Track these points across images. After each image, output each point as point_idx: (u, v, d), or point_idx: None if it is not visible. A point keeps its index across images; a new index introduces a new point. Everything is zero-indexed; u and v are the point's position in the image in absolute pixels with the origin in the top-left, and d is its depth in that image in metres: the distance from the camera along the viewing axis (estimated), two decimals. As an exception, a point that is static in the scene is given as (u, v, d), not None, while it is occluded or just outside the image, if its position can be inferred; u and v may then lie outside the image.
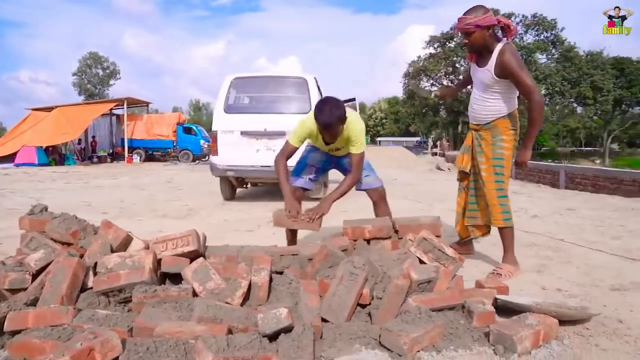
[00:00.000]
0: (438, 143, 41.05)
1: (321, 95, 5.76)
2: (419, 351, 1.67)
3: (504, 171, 2.76)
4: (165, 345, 1.52)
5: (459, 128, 36.34)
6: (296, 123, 2.84)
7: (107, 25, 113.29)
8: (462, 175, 3.05)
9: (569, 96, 32.83)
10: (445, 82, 33.26)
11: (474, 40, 2.71)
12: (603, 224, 4.22)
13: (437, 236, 2.42)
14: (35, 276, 2.13)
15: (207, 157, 20.05)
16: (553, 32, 33.20)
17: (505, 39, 2.77)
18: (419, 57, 35.27)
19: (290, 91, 5.61)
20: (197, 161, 19.16)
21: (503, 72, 2.63)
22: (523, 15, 33.53)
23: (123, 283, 1.99)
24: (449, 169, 14.22)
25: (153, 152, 20.05)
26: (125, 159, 18.85)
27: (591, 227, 4.05)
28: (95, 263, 2.13)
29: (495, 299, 2.07)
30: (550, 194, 7.54)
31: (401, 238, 2.49)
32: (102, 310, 1.85)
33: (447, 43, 34.46)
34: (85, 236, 2.45)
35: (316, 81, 5.72)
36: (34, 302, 1.93)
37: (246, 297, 1.99)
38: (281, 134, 5.43)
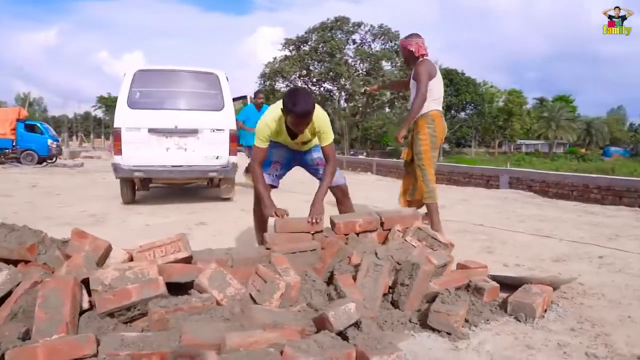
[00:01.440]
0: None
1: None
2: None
3: (425, 162, 3.48)
4: (249, 358, 1.38)
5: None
6: (257, 127, 2.72)
7: None
8: (407, 164, 3.78)
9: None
10: (299, 84, 35.03)
11: (406, 57, 3.67)
12: (500, 211, 4.99)
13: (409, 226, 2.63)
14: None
15: (55, 158, 17.43)
16: (397, 42, 37.11)
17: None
18: (275, 58, 36.44)
19: (201, 87, 5.27)
20: (44, 163, 16.49)
21: (415, 77, 3.50)
22: (371, 25, 36.83)
23: (135, 299, 1.71)
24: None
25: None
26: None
27: (493, 214, 4.77)
28: (86, 280, 1.78)
29: (490, 276, 2.33)
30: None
31: (388, 230, 2.61)
32: (127, 333, 1.57)
33: (302, 46, 36.29)
34: (45, 250, 2.02)
35: (226, 77, 5.50)
36: (25, 336, 1.53)
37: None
38: (193, 131, 5.10)
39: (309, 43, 36.46)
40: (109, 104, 47.02)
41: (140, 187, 5.47)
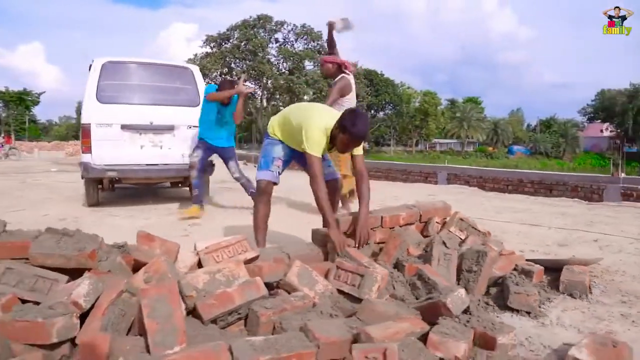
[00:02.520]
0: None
1: None
2: (534, 307, 1.97)
3: (338, 164, 3.77)
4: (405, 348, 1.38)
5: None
6: (312, 133, 2.47)
7: None
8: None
9: (333, 99, 38.25)
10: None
11: (325, 72, 4.27)
12: (471, 204, 5.34)
13: (445, 217, 2.77)
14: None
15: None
16: (319, 42, 37.74)
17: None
18: (196, 55, 35.45)
19: (175, 81, 4.96)
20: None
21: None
22: (294, 25, 37.10)
23: (239, 303, 1.62)
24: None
25: None
26: None
27: (469, 206, 5.08)
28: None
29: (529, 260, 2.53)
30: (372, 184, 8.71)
31: (425, 222, 2.71)
32: (252, 337, 1.48)
33: (223, 44, 35.70)
34: (106, 256, 1.82)
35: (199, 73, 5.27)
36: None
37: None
38: (169, 128, 4.80)
39: (231, 40, 35.91)
40: (7, 99, 41.85)
41: (107, 188, 5.02)
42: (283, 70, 37.63)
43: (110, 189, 5.12)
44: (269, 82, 36.72)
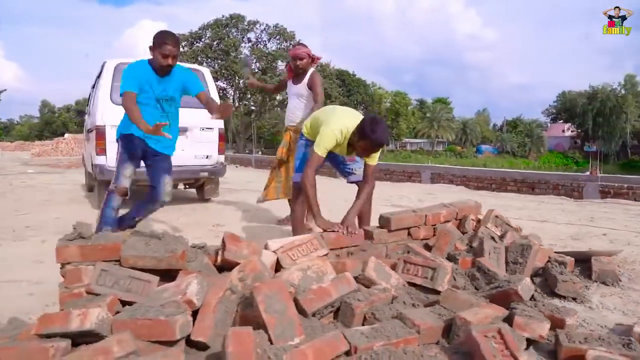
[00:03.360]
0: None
1: None
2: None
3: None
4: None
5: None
6: (327, 134, 2.58)
7: None
8: (279, 162, 3.89)
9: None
10: None
11: (304, 65, 3.78)
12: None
13: (477, 215, 2.98)
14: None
15: None
16: (292, 42, 37.74)
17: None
18: None
19: (187, 83, 4.98)
20: None
21: (311, 86, 3.77)
22: (266, 24, 36.95)
23: (335, 297, 1.75)
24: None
25: None
26: None
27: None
28: (273, 282, 1.76)
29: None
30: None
31: (460, 220, 2.90)
32: (360, 327, 1.62)
33: (195, 43, 35.28)
34: (194, 257, 1.92)
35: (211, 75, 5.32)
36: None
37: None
38: (183, 130, 4.81)
39: (203, 40, 35.51)
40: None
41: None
42: (256, 70, 37.45)
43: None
44: (241, 81, 36.51)
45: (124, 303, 1.72)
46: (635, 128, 45.89)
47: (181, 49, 33.12)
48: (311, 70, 3.86)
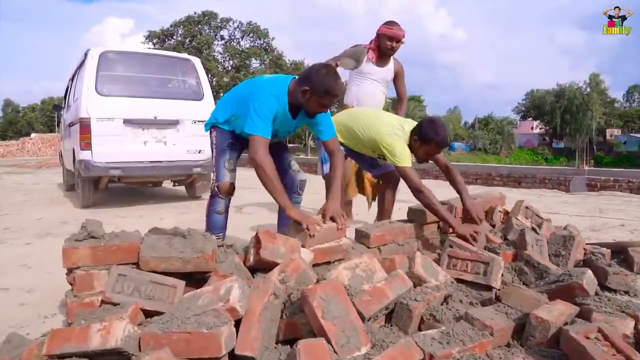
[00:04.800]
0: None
1: None
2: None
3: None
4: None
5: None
6: (395, 144, 2.53)
7: None
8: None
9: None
10: None
11: (397, 49, 3.45)
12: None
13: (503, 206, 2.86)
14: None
15: None
16: (265, 40, 37.34)
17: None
18: None
19: (177, 74, 4.69)
20: None
21: (397, 75, 3.58)
22: (240, 22, 36.43)
23: (392, 298, 1.56)
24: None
25: None
26: None
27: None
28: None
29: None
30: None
31: (486, 211, 2.76)
32: (428, 331, 1.43)
33: (167, 40, 34.57)
34: (225, 257, 1.69)
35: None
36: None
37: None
38: (173, 123, 4.53)
39: (175, 37, 34.79)
40: None
41: (104, 188, 4.64)
42: (229, 68, 36.86)
43: (105, 188, 4.75)
44: (214, 79, 35.86)
45: (147, 314, 1.48)
46: (600, 125, 47.61)
47: (152, 46, 32.21)
48: (395, 56, 3.53)
